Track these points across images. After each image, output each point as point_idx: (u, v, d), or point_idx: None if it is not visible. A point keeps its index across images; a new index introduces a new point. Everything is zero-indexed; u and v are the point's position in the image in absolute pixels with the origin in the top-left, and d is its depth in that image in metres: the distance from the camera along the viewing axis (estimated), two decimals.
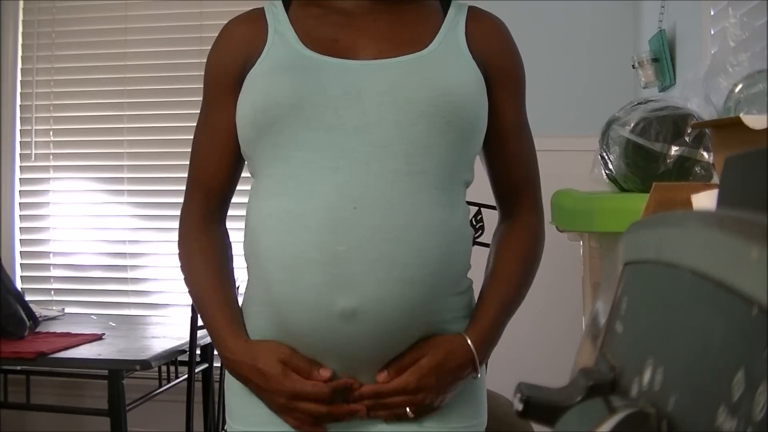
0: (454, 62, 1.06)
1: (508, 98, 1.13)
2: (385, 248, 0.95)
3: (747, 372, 0.29)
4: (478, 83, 1.07)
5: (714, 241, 0.35)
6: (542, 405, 0.43)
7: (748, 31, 1.37)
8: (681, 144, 1.43)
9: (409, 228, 0.96)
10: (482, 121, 1.08)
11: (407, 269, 0.96)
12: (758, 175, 0.39)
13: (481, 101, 1.07)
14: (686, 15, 2.12)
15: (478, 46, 1.09)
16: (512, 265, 1.13)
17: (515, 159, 1.16)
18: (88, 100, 3.37)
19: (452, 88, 1.02)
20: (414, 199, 0.98)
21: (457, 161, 1.04)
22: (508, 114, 1.13)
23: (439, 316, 1.03)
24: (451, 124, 1.01)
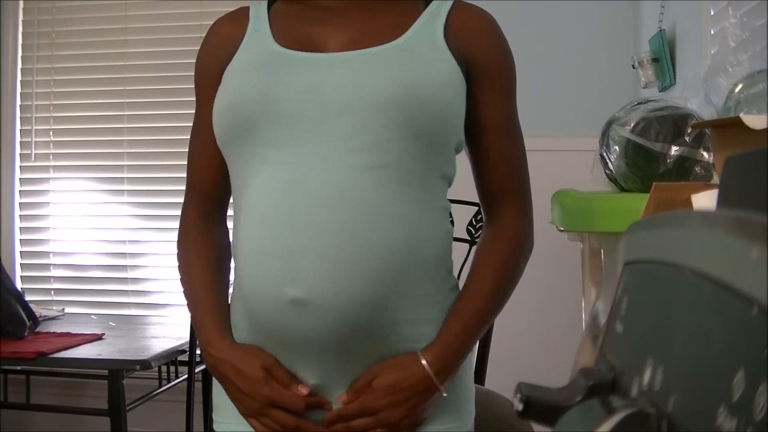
0: (424, 55, 1.02)
1: (490, 96, 1.09)
2: (335, 242, 0.95)
3: (747, 372, 0.29)
4: (451, 77, 1.03)
5: (714, 241, 0.35)
6: (542, 405, 0.43)
7: (748, 31, 1.37)
8: (681, 144, 1.43)
9: (363, 223, 0.96)
10: (453, 116, 1.03)
11: (357, 264, 0.96)
12: (758, 175, 0.39)
13: (453, 96, 1.02)
14: (686, 15, 2.12)
15: (459, 41, 1.05)
16: (486, 277, 1.07)
17: (498, 160, 1.12)
18: (88, 100, 3.37)
19: (417, 82, 0.98)
20: (372, 194, 0.97)
21: (424, 157, 1.00)
22: (490, 112, 1.09)
23: (403, 315, 1.00)
24: (414, 119, 0.97)
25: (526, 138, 1.19)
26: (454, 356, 1.03)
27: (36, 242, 3.42)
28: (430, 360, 1.01)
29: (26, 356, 2.28)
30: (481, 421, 1.15)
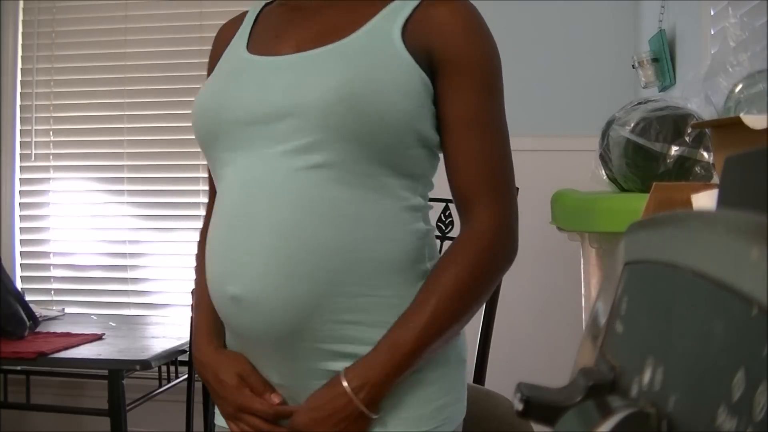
0: (369, 53, 1.00)
1: (457, 90, 1.02)
2: (270, 241, 0.97)
3: (747, 372, 0.29)
4: (400, 74, 0.99)
5: (714, 241, 0.35)
6: (542, 405, 0.43)
7: (748, 31, 1.37)
8: (681, 144, 1.43)
9: (298, 222, 0.97)
10: (399, 113, 0.98)
11: (290, 262, 0.97)
12: (758, 175, 0.39)
13: (399, 93, 0.98)
14: (686, 15, 2.12)
15: (421, 36, 1.01)
16: (435, 290, 0.99)
17: (466, 158, 1.04)
18: (88, 100, 3.37)
19: (353, 80, 0.97)
20: (310, 194, 0.97)
21: (372, 156, 0.98)
22: (456, 107, 1.02)
23: (347, 315, 0.98)
24: (349, 120, 0.96)
25: (527, 138, 1.18)
26: (381, 374, 0.97)
27: (36, 242, 3.42)
28: (350, 379, 0.97)
29: (26, 356, 2.28)
30: (481, 421, 1.15)
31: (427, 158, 1.05)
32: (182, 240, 3.29)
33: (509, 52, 3.24)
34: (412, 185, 1.04)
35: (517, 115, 2.90)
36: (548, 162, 2.80)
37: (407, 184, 1.03)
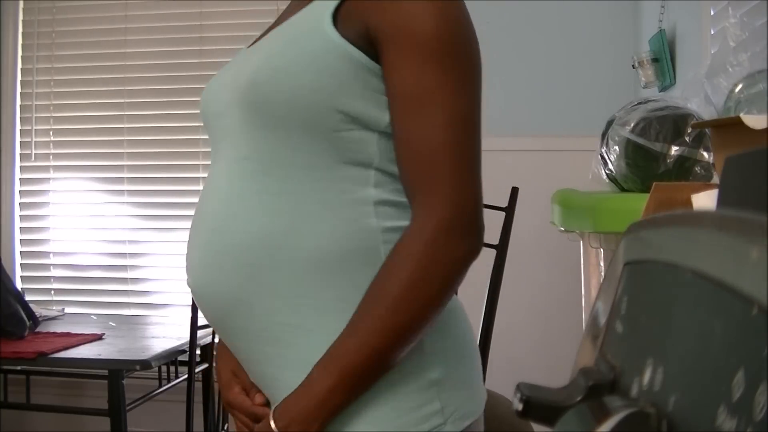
0: (289, 35, 0.95)
1: (394, 64, 0.89)
2: (207, 236, 0.97)
3: (747, 372, 0.29)
4: (316, 51, 0.91)
5: (714, 241, 0.35)
6: (542, 405, 0.43)
7: (748, 31, 1.37)
8: (681, 144, 1.43)
9: (227, 215, 0.95)
10: (310, 91, 0.90)
11: (218, 256, 0.95)
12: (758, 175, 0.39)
13: (309, 70, 0.91)
14: (686, 15, 2.12)
15: (360, 11, 0.91)
16: (367, 310, 0.89)
17: (401, 140, 0.90)
18: (88, 100, 3.37)
19: (261, 67, 0.93)
20: (239, 187, 0.95)
21: (291, 142, 0.92)
22: (392, 83, 0.90)
23: (278, 316, 0.93)
24: (259, 108, 0.93)
25: (527, 138, 1.15)
26: (305, 411, 0.88)
27: (36, 242, 3.42)
28: (276, 417, 0.90)
29: (26, 356, 2.28)
30: None
31: (376, 143, 0.93)
32: (182, 240, 3.28)
33: (509, 52, 3.25)
34: (358, 175, 0.93)
35: (517, 115, 2.92)
36: (548, 162, 2.80)
37: (350, 173, 0.93)
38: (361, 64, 0.90)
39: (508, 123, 2.87)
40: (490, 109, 2.80)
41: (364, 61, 0.90)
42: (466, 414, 0.97)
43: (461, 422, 0.96)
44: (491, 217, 1.32)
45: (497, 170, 2.77)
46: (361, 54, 0.90)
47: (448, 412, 0.95)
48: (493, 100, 2.82)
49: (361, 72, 0.91)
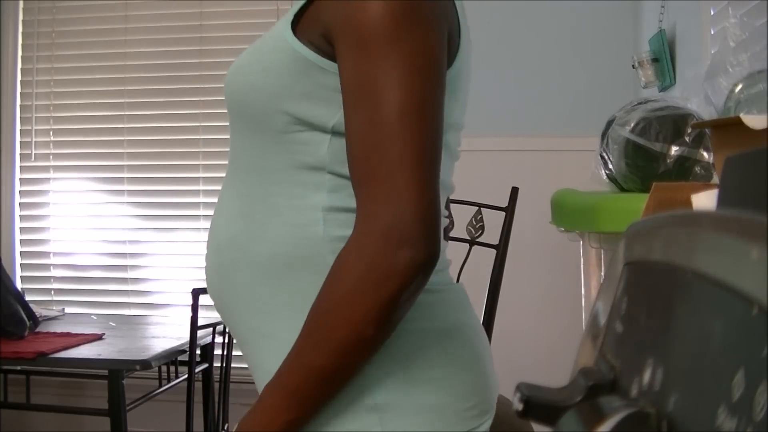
0: (255, 43, 0.97)
1: (340, 56, 0.85)
2: (210, 234, 1.01)
3: (747, 372, 0.29)
4: (268, 52, 0.91)
5: (714, 241, 0.35)
6: (542, 405, 0.43)
7: (748, 31, 1.37)
8: (681, 144, 1.43)
9: (214, 216, 1.00)
10: (256, 91, 0.91)
11: (210, 255, 1.00)
12: (758, 175, 0.39)
13: (259, 71, 0.91)
14: (686, 15, 2.12)
15: (318, 14, 0.89)
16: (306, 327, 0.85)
17: (347, 139, 0.84)
18: (88, 100, 3.37)
19: (229, 73, 0.97)
20: (227, 188, 0.99)
21: (251, 144, 0.93)
22: (342, 76, 0.85)
23: (252, 321, 0.93)
24: (231, 111, 0.97)
25: (527, 138, 1.14)
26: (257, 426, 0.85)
27: (36, 242, 3.42)
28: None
29: (26, 356, 2.28)
30: None
31: (328, 145, 0.89)
32: (182, 240, 3.29)
33: (509, 52, 3.25)
34: (310, 179, 0.90)
35: (517, 115, 2.92)
36: (548, 162, 2.80)
37: (302, 178, 0.90)
38: (312, 64, 0.87)
39: (507, 123, 2.87)
40: (490, 109, 2.80)
41: (317, 61, 0.87)
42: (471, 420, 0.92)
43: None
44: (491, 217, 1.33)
45: (497, 170, 2.77)
46: (313, 54, 0.87)
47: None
48: (493, 100, 2.82)
49: (312, 71, 0.87)
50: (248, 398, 3.25)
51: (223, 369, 2.75)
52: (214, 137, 3.27)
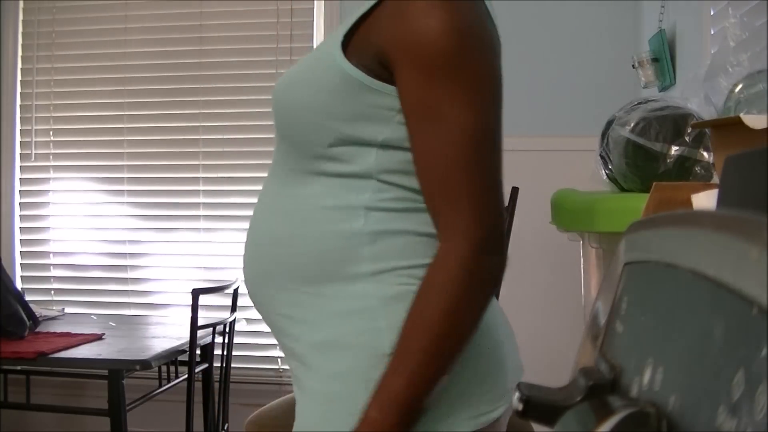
0: (306, 59, 1.03)
1: (399, 82, 0.91)
2: (250, 231, 1.06)
3: (747, 372, 0.29)
4: (320, 71, 0.96)
5: (714, 241, 0.35)
6: (542, 405, 0.43)
7: (748, 31, 1.37)
8: (681, 144, 1.43)
9: (255, 216, 1.06)
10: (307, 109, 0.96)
11: (247, 253, 1.06)
12: (758, 175, 0.39)
13: (311, 88, 0.97)
14: (686, 15, 2.12)
15: (369, 36, 0.94)
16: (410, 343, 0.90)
17: (421, 158, 0.92)
18: (88, 100, 3.37)
19: (279, 84, 1.03)
20: (263, 190, 1.05)
21: (296, 152, 1.00)
22: (407, 99, 0.91)
23: (282, 308, 1.00)
24: (277, 115, 1.03)
25: (527, 138, 1.14)
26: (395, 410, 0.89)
27: (36, 242, 3.42)
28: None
29: (26, 356, 2.28)
30: None
31: (375, 156, 0.95)
32: (182, 240, 3.29)
33: (509, 52, 3.24)
34: (356, 184, 0.96)
35: (517, 115, 2.91)
36: (548, 162, 2.80)
37: (348, 183, 0.96)
38: (363, 85, 0.93)
39: (508, 123, 2.85)
40: None
41: (369, 83, 0.93)
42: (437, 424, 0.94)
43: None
44: None
45: None
46: (365, 75, 0.93)
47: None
48: None
49: (363, 92, 0.93)
50: (248, 398, 3.26)
51: (223, 369, 2.75)
52: (214, 137, 3.27)
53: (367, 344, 0.94)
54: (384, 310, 0.94)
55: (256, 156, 3.25)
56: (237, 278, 2.89)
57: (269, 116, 3.65)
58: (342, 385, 0.95)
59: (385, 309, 0.94)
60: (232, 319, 2.73)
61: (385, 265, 0.95)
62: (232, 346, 2.80)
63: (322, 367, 0.96)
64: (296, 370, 1.00)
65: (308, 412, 0.98)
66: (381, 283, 0.95)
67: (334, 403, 0.95)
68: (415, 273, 0.94)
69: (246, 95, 3.24)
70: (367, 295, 0.95)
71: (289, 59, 3.22)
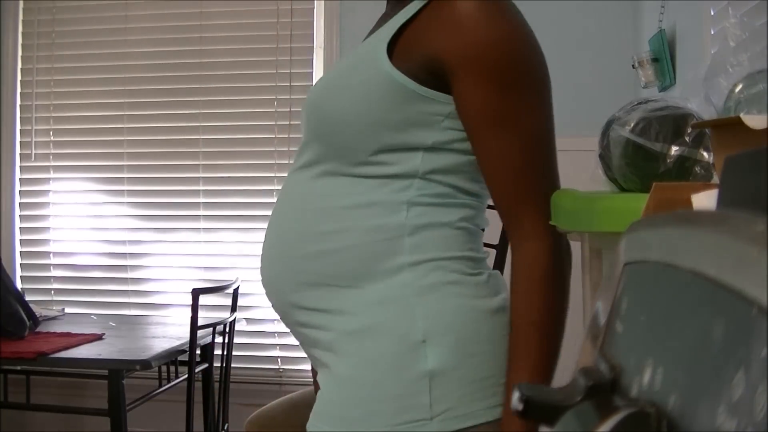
0: (355, 58, 1.01)
1: (462, 90, 0.94)
2: (267, 231, 1.08)
3: (747, 372, 0.29)
4: (367, 78, 0.96)
5: (714, 241, 0.35)
6: (542, 405, 0.43)
7: (748, 31, 1.36)
8: (681, 144, 1.43)
9: (282, 214, 1.05)
10: (355, 115, 0.97)
11: (269, 249, 1.06)
12: (758, 175, 0.39)
13: (358, 95, 0.97)
14: (686, 15, 2.12)
15: (417, 41, 0.96)
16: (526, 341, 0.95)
17: (487, 164, 0.97)
18: (88, 100, 3.37)
19: (325, 84, 1.03)
20: (294, 189, 1.05)
21: (337, 154, 1.00)
22: (471, 108, 0.95)
23: (309, 302, 1.00)
24: (315, 118, 1.02)
25: None
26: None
27: (36, 242, 3.42)
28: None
29: (26, 356, 2.28)
30: None
31: (421, 159, 0.98)
32: (182, 240, 3.29)
33: None
34: (400, 183, 0.99)
35: None
36: None
37: (392, 183, 0.99)
38: (412, 92, 0.95)
39: None
40: None
41: (417, 89, 0.95)
42: (467, 416, 0.95)
43: (454, 423, 0.94)
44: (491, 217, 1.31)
45: None
46: (413, 83, 0.95)
47: (437, 410, 0.93)
48: None
49: (412, 99, 0.96)
50: (248, 398, 3.27)
51: (223, 369, 2.75)
52: (214, 137, 3.27)
53: (402, 331, 0.95)
54: (420, 299, 0.96)
55: (257, 156, 3.25)
56: (237, 278, 2.89)
57: (269, 116, 3.66)
58: (372, 370, 0.95)
59: (421, 298, 0.96)
60: (232, 319, 2.73)
61: (423, 256, 0.98)
62: (232, 346, 2.80)
63: (355, 353, 0.97)
64: (323, 358, 1.01)
65: (335, 396, 0.99)
66: (418, 273, 0.97)
67: (363, 388, 0.96)
68: (450, 265, 0.98)
69: (246, 95, 3.24)
70: (405, 284, 0.97)
71: (289, 59, 3.22)
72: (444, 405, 0.94)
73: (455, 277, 0.98)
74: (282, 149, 3.23)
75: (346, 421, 0.95)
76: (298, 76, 3.22)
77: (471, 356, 0.96)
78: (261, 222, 3.25)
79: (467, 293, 0.98)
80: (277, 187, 3.24)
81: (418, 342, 0.94)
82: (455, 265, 0.98)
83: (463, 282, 0.99)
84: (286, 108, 3.21)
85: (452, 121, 0.98)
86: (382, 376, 0.95)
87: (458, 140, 0.99)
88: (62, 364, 2.37)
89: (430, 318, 0.95)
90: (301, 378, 3.09)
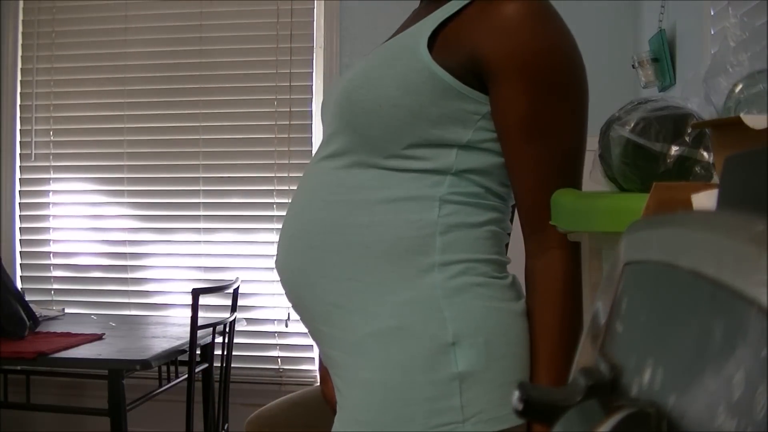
0: (389, 51, 1.00)
1: (501, 94, 0.95)
2: (288, 222, 1.06)
3: (747, 372, 0.29)
4: (406, 71, 0.95)
5: (714, 241, 0.35)
6: (542, 405, 0.43)
7: (748, 31, 1.36)
8: (681, 144, 1.43)
9: (305, 204, 1.03)
10: (392, 107, 0.96)
11: (290, 240, 1.04)
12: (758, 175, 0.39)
13: (396, 87, 0.96)
14: (686, 15, 2.12)
15: (458, 40, 0.96)
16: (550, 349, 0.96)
17: (517, 169, 0.98)
18: (88, 100, 3.37)
19: (359, 75, 1.00)
20: (319, 180, 1.03)
21: (369, 145, 0.98)
22: (511, 112, 0.95)
23: (330, 296, 0.99)
24: (347, 108, 0.99)
25: None
26: None
27: (36, 242, 3.42)
28: None
29: (26, 356, 2.28)
30: None
31: (455, 156, 0.98)
32: (182, 240, 3.29)
33: None
34: (432, 179, 0.98)
35: None
36: None
37: (425, 178, 0.98)
38: (451, 88, 0.95)
39: None
40: None
41: (457, 86, 0.95)
42: (497, 419, 0.94)
43: (486, 426, 0.93)
44: None
45: None
46: (453, 79, 0.95)
47: (469, 412, 0.92)
48: None
49: (451, 96, 0.95)
50: (248, 398, 3.28)
51: (223, 369, 2.75)
52: (214, 137, 3.27)
53: (432, 333, 0.93)
54: (449, 301, 0.94)
55: (257, 156, 3.25)
56: (237, 278, 2.89)
57: (269, 116, 3.66)
58: (401, 373, 0.93)
59: (450, 300, 0.95)
60: (232, 319, 2.73)
61: (453, 257, 0.97)
62: (232, 346, 2.80)
63: (380, 356, 0.94)
64: (340, 359, 0.98)
65: (360, 401, 0.95)
66: (448, 274, 0.96)
67: (392, 391, 0.93)
68: (479, 267, 0.98)
69: (246, 95, 3.24)
70: (434, 285, 0.95)
71: (289, 59, 3.22)
72: (475, 407, 0.93)
73: (483, 279, 0.97)
74: (282, 149, 3.23)
75: (376, 426, 0.92)
76: (298, 76, 3.22)
77: (500, 359, 0.95)
78: (261, 222, 3.25)
79: (495, 296, 0.97)
80: (277, 187, 3.24)
81: (447, 344, 0.93)
82: (483, 268, 0.98)
83: (491, 284, 0.98)
84: (286, 108, 3.21)
85: (487, 122, 0.98)
86: (411, 379, 0.93)
87: (491, 140, 0.99)
88: (62, 364, 2.37)
89: (459, 320, 0.93)
90: (301, 378, 3.09)
